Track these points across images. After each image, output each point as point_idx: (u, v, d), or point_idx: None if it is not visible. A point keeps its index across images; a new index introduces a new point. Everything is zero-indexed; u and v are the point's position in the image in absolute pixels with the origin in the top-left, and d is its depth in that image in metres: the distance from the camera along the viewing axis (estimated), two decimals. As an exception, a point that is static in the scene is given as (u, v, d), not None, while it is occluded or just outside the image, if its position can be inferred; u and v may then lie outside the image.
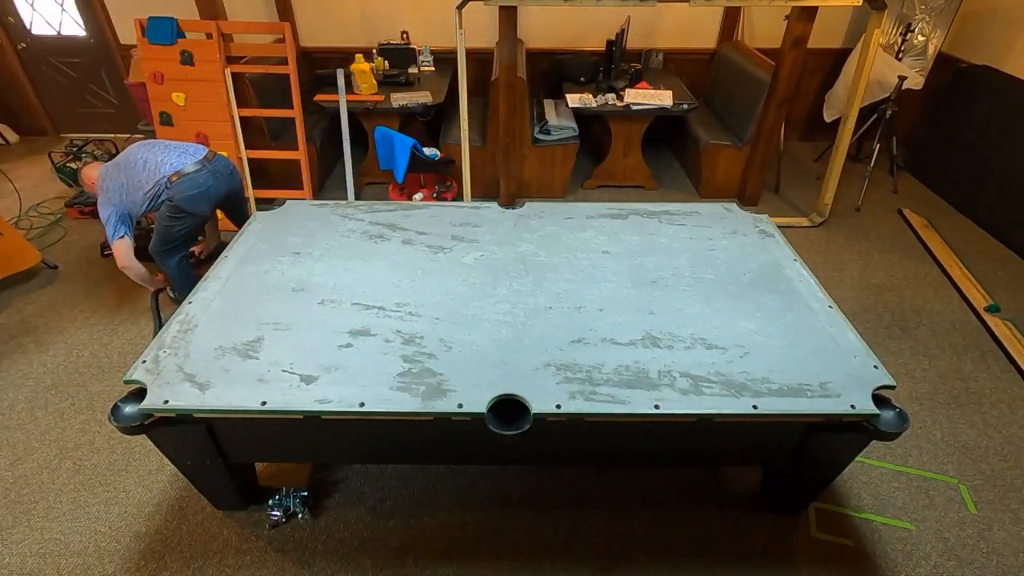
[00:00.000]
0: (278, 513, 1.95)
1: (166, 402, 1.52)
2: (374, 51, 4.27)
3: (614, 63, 3.94)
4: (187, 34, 3.40)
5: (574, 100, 3.82)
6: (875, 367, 1.64)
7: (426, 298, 1.91)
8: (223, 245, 2.38)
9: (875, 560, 1.89)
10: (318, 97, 3.82)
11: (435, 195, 3.96)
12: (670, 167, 4.61)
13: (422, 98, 3.79)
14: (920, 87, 4.16)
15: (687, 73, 4.60)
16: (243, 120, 3.57)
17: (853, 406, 1.53)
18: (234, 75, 3.46)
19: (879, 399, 1.56)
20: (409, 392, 1.55)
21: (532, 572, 1.85)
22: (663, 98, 3.80)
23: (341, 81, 3.59)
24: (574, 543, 1.94)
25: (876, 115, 4.01)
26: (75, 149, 4.20)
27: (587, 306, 1.88)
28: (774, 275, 2.04)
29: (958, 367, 2.66)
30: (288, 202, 2.47)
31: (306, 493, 2.00)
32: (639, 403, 1.53)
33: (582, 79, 4.19)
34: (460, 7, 3.04)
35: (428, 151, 3.80)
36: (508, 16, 3.22)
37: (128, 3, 4.37)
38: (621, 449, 1.78)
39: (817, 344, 1.72)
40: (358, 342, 1.71)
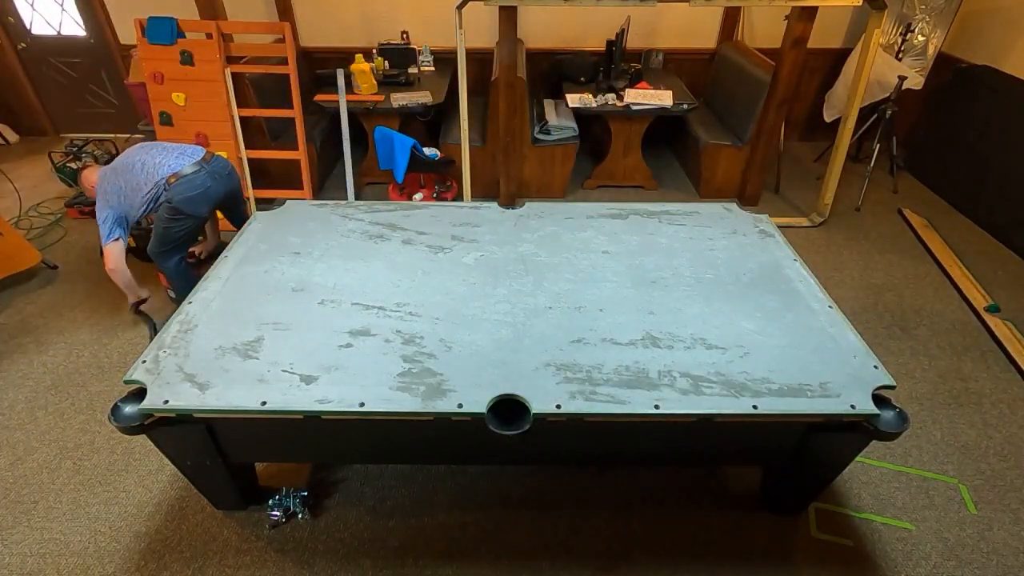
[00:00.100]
0: (278, 513, 1.95)
1: (166, 402, 1.52)
2: (374, 51, 4.27)
3: (614, 63, 3.94)
4: (187, 34, 3.40)
5: (574, 100, 3.82)
6: (875, 367, 1.64)
7: (426, 298, 1.91)
8: (223, 245, 2.37)
9: (875, 560, 1.89)
10: (318, 97, 3.83)
11: (435, 195, 3.96)
12: (670, 167, 4.61)
13: (422, 98, 3.79)
14: (920, 87, 4.16)
15: (687, 73, 4.60)
16: (243, 120, 3.57)
17: (853, 406, 1.53)
18: (234, 75, 3.46)
19: (879, 399, 1.56)
20: (409, 392, 1.55)
21: (532, 572, 1.85)
22: (663, 98, 3.80)
23: (341, 81, 3.59)
24: (574, 543, 1.94)
25: (876, 115, 4.01)
26: (75, 149, 4.20)
27: (587, 306, 1.88)
28: (774, 275, 2.04)
29: (958, 367, 2.66)
30: (288, 202, 2.47)
31: (306, 493, 2.00)
32: (639, 403, 1.53)
33: (582, 79, 4.20)
34: (460, 7, 3.04)
35: (428, 151, 3.80)
36: (508, 16, 3.22)
37: (128, 3, 4.37)
38: (621, 449, 1.78)
39: (817, 344, 1.72)
40: (358, 342, 1.71)
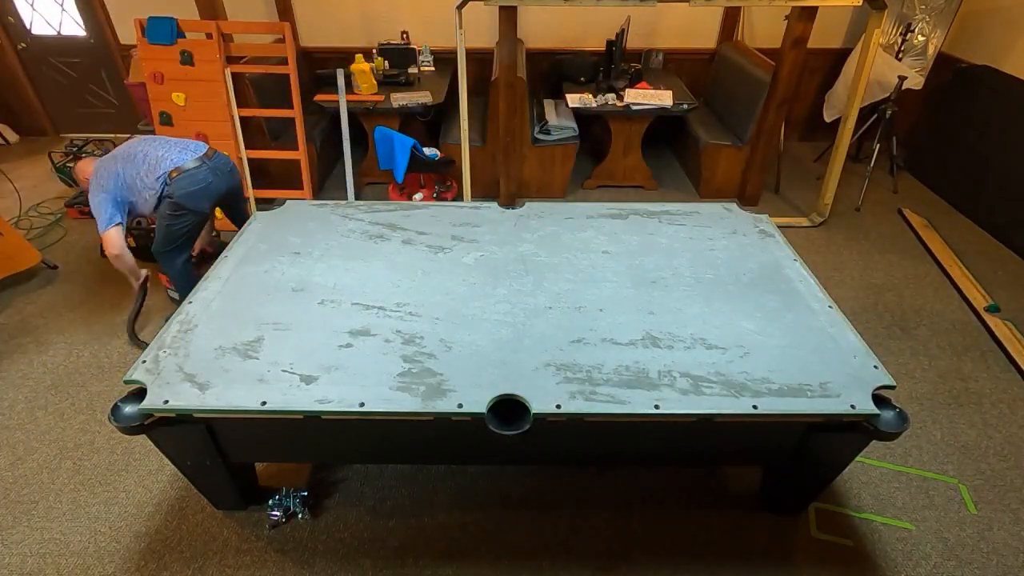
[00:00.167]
0: (278, 513, 1.95)
1: (166, 402, 1.52)
2: (374, 51, 4.27)
3: (614, 63, 3.94)
4: (187, 34, 3.40)
5: (574, 100, 3.82)
6: (875, 367, 1.64)
7: (426, 298, 1.91)
8: (223, 245, 2.37)
9: (875, 560, 1.89)
10: (318, 97, 3.83)
11: (435, 195, 3.96)
12: (670, 167, 4.61)
13: (422, 98, 3.79)
14: (920, 87, 4.16)
15: (687, 73, 4.60)
16: (243, 120, 3.57)
17: (853, 406, 1.53)
18: (234, 75, 3.46)
19: (879, 399, 1.56)
20: (409, 392, 1.55)
21: (532, 572, 1.85)
22: (663, 98, 3.80)
23: (341, 81, 3.59)
24: (574, 543, 1.94)
25: (876, 115, 4.01)
26: (75, 149, 4.20)
27: (587, 306, 1.88)
28: (774, 275, 2.04)
29: (958, 367, 2.66)
30: (288, 202, 2.47)
31: (306, 493, 2.00)
32: (639, 403, 1.53)
33: (582, 79, 4.20)
34: (460, 7, 3.04)
35: (428, 151, 3.80)
36: (508, 16, 3.22)
37: (128, 3, 4.37)
38: (621, 449, 1.78)
39: (817, 344, 1.72)
40: (358, 342, 1.71)
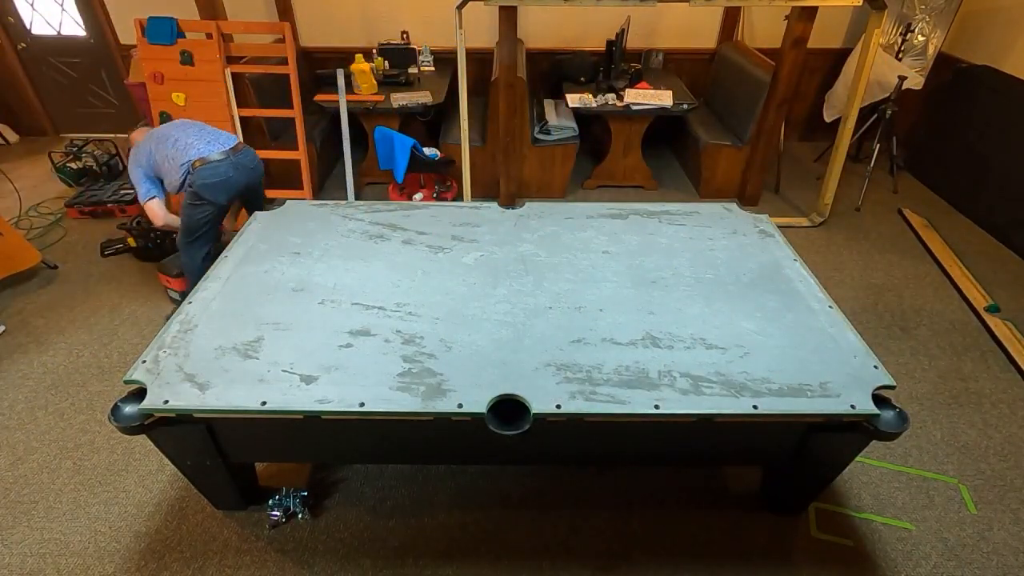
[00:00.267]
0: (278, 513, 1.95)
1: (166, 402, 1.52)
2: (374, 51, 4.28)
3: (614, 63, 3.94)
4: (187, 34, 3.40)
5: (574, 100, 3.82)
6: (875, 367, 1.64)
7: (426, 298, 1.91)
8: (222, 246, 2.38)
9: (875, 560, 1.89)
10: (318, 97, 3.83)
11: (435, 195, 3.96)
12: (670, 167, 4.61)
13: (422, 98, 3.79)
14: (920, 87, 4.16)
15: (687, 73, 4.60)
16: (243, 120, 3.57)
17: (853, 406, 1.53)
18: (234, 75, 3.46)
19: (879, 399, 1.55)
20: (409, 392, 1.55)
21: (532, 572, 1.85)
22: (663, 98, 3.80)
23: (341, 81, 3.59)
24: (574, 543, 1.94)
25: (876, 115, 4.01)
26: (75, 149, 4.20)
27: (587, 306, 1.88)
28: (774, 275, 2.04)
29: (958, 367, 2.66)
30: (288, 202, 2.47)
31: (306, 493, 2.00)
32: (639, 403, 1.53)
33: (582, 79, 4.20)
34: (460, 7, 3.04)
35: (428, 151, 3.79)
36: (508, 16, 3.22)
37: (128, 3, 4.37)
38: (621, 449, 1.78)
39: (817, 344, 1.72)
40: (358, 342, 1.71)
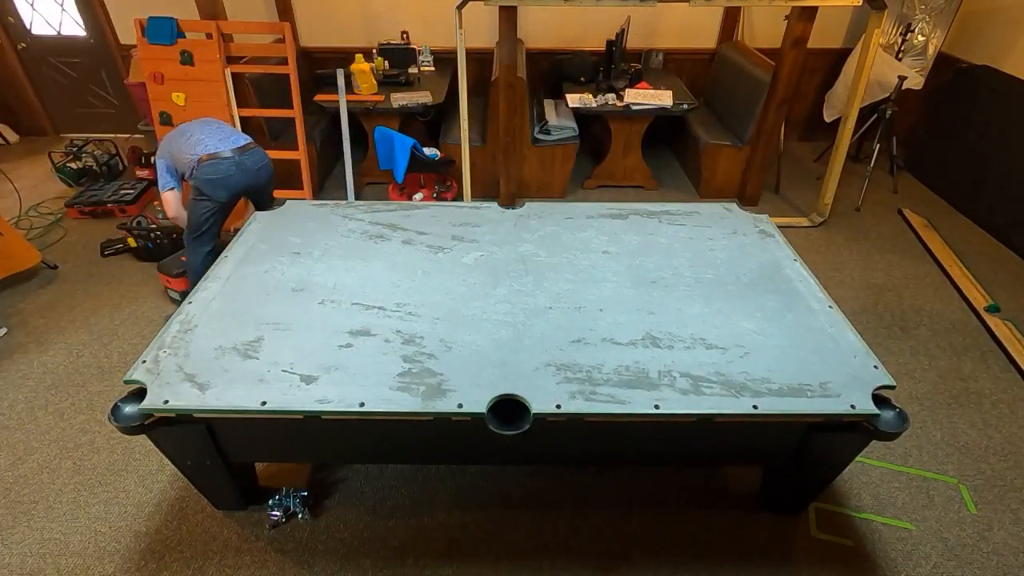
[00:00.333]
0: (278, 513, 1.95)
1: (166, 402, 1.52)
2: (374, 51, 4.27)
3: (614, 63, 3.94)
4: (187, 34, 3.40)
5: (574, 100, 3.82)
6: (875, 367, 1.64)
7: (426, 298, 1.91)
8: (222, 246, 2.38)
9: (875, 560, 1.89)
10: (318, 97, 3.82)
11: (435, 195, 3.96)
12: (670, 167, 4.61)
13: (422, 98, 3.79)
14: (920, 87, 4.16)
15: (687, 73, 4.60)
16: (243, 120, 3.57)
17: (853, 406, 1.53)
18: (234, 75, 3.46)
19: (879, 399, 1.55)
20: (409, 392, 1.55)
21: (532, 572, 1.85)
22: (663, 98, 3.80)
23: (341, 81, 3.59)
24: (574, 543, 1.94)
25: (876, 115, 4.01)
26: (75, 149, 4.20)
27: (587, 306, 1.88)
28: (774, 275, 2.04)
29: (958, 367, 2.66)
30: (288, 202, 2.47)
31: (306, 493, 2.00)
32: (639, 403, 1.53)
33: (582, 79, 4.20)
34: (460, 7, 3.04)
35: (428, 151, 3.80)
36: (508, 16, 3.22)
37: (128, 3, 4.37)
38: (621, 449, 1.78)
39: (817, 344, 1.72)
40: (358, 342, 1.71)
